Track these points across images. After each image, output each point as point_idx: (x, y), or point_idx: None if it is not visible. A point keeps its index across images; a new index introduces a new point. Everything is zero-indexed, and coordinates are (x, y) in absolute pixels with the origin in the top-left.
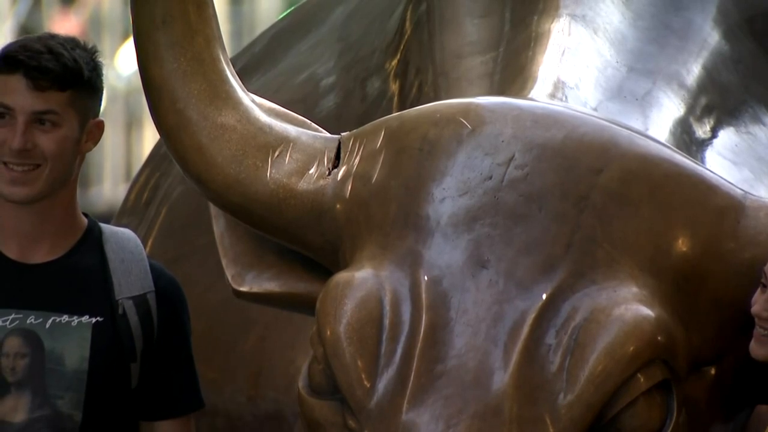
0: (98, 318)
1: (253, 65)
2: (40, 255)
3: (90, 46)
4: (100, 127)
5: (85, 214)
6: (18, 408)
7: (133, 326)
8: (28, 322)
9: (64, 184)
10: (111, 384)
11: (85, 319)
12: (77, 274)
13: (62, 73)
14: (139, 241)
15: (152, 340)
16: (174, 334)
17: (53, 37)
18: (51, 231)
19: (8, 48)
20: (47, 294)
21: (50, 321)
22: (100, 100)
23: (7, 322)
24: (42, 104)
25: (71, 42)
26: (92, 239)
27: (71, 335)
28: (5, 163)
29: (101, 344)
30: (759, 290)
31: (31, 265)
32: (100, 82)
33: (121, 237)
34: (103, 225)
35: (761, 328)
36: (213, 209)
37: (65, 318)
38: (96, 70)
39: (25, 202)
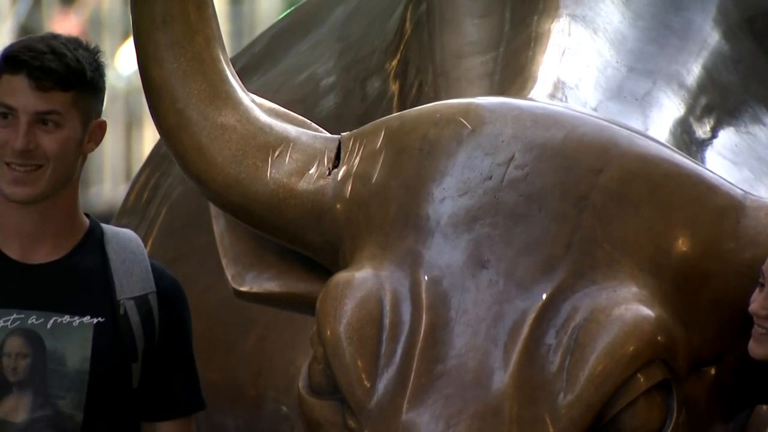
0: (99, 318)
1: (253, 65)
2: (42, 255)
3: (93, 46)
4: (102, 127)
5: (87, 215)
6: (19, 408)
7: (134, 326)
8: (29, 322)
9: (66, 184)
10: (112, 384)
11: (86, 319)
12: (78, 275)
13: (65, 73)
14: (140, 242)
15: (153, 341)
16: (175, 334)
17: (56, 37)
18: (53, 231)
19: (11, 48)
20: (49, 294)
21: (51, 321)
22: (102, 101)
23: (9, 322)
24: (45, 104)
25: (74, 42)
26: (94, 240)
27: (73, 335)
28: (8, 164)
29: (103, 344)
30: (757, 289)
31: (33, 265)
32: (103, 82)
33: (122, 237)
34: (104, 225)
35: (759, 326)
36: (213, 209)
37: (66, 318)
38: (99, 71)
39: (27, 203)
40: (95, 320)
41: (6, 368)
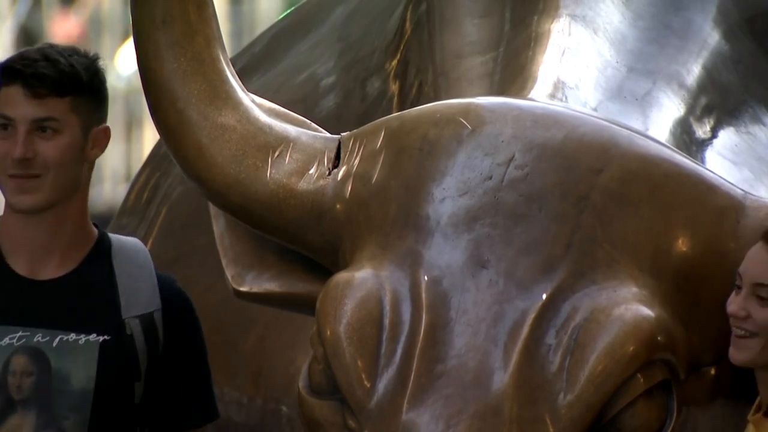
0: (105, 336)
1: (253, 65)
2: (50, 270)
3: (92, 53)
4: (106, 133)
5: (95, 225)
6: (23, 427)
7: (138, 346)
8: (35, 340)
9: (72, 193)
10: (116, 402)
11: (92, 337)
12: (85, 291)
13: (58, 78)
14: (147, 254)
15: (157, 359)
16: (183, 348)
17: (52, 46)
18: (62, 244)
19: (7, 60)
20: (55, 311)
21: (57, 339)
22: (105, 107)
23: (14, 340)
24: (41, 111)
25: (69, 49)
26: (101, 252)
27: (78, 354)
28: (11, 175)
29: (108, 364)
30: (734, 292)
31: (40, 282)
32: (104, 88)
33: (130, 249)
34: (112, 236)
35: (737, 328)
36: (213, 209)
37: (72, 336)
38: (97, 76)
39: (31, 212)
40: (101, 338)
41: (11, 386)
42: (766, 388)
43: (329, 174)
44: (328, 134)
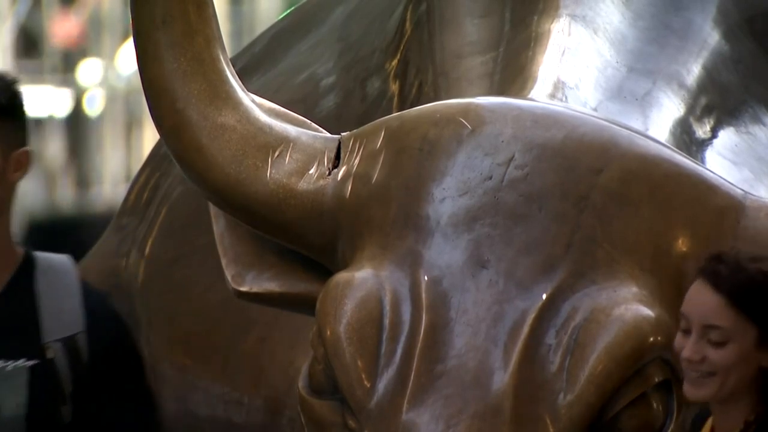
0: (34, 361)
1: (253, 65)
2: None
3: (9, 76)
4: (28, 156)
5: (21, 244)
6: None
7: (61, 370)
8: None
9: None
10: (49, 426)
11: (20, 363)
12: (10, 316)
13: None
14: (75, 273)
15: (82, 382)
16: (111, 369)
17: None
18: None
19: None
20: None
21: None
22: (25, 129)
23: None
24: None
25: None
26: (26, 274)
27: (6, 381)
28: None
29: (37, 388)
30: (680, 334)
31: None
32: (22, 111)
33: (56, 270)
34: (39, 256)
35: (693, 371)
36: (213, 209)
37: (0, 363)
38: (15, 99)
39: None
40: (30, 363)
41: None
42: (722, 420)
43: (329, 174)
44: (328, 134)
